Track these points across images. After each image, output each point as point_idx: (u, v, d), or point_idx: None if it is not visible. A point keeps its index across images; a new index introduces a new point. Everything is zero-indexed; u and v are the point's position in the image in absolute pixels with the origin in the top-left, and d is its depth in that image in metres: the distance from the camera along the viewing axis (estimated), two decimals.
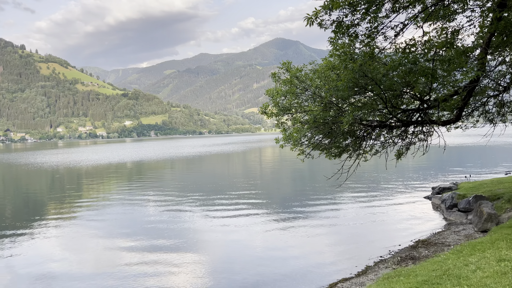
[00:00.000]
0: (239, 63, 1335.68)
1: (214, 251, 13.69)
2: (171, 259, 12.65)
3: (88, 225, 17.82)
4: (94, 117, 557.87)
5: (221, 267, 12.10)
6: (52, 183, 36.74)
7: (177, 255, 13.12)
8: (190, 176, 36.68)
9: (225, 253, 13.42)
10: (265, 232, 15.76)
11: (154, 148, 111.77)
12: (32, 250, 14.20)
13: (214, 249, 13.86)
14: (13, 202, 25.90)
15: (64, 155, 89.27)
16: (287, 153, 62.27)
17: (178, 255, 13.08)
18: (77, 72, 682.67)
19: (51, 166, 56.28)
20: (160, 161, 59.47)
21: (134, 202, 23.09)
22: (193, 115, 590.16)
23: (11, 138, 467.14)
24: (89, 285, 10.87)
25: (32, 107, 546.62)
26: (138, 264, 12.27)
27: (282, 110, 12.42)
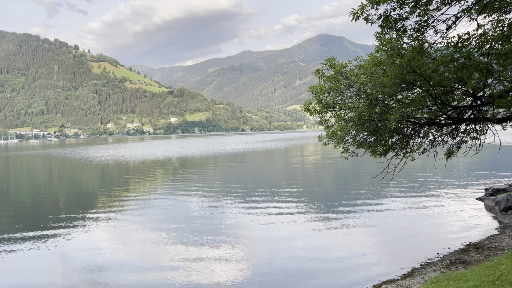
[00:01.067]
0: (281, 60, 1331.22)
1: (255, 247, 13.79)
2: (213, 254, 12.89)
3: (134, 218, 18.52)
4: (142, 114, 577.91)
5: (262, 264, 12.17)
6: (102, 176, 38.53)
7: (219, 250, 13.35)
8: (233, 173, 37.13)
9: (266, 250, 13.47)
10: (306, 230, 15.67)
11: (198, 145, 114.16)
12: (84, 241, 14.97)
13: (255, 246, 13.96)
14: (67, 195, 27.44)
15: (114, 150, 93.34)
16: (330, 151, 61.40)
17: (220, 250, 13.31)
18: (126, 71, 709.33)
19: (101, 161, 59.07)
20: (203, 157, 60.67)
21: (178, 197, 23.72)
22: (235, 112, 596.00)
23: (65, 133, 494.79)
24: (135, 277, 11.31)
25: (85, 105, 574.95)
26: (181, 258, 12.61)
27: (325, 107, 12.24)
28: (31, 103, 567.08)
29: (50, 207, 22.29)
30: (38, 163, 63.08)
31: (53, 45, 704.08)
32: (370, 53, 11.72)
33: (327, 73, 12.09)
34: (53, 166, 55.51)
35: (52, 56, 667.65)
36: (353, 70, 11.99)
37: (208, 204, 21.21)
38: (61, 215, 19.63)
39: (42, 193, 28.35)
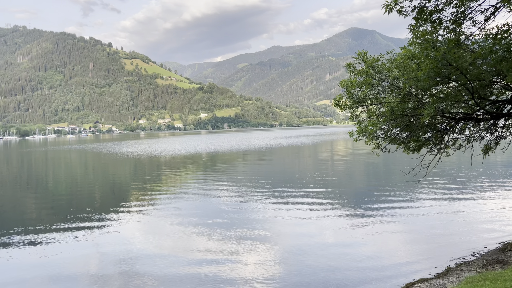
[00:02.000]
0: (311, 54, 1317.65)
1: (284, 243, 13.80)
2: (242, 249, 12.99)
3: (165, 212, 18.92)
4: (172, 110, 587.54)
5: (292, 260, 12.17)
6: (135, 171, 39.56)
7: (248, 245, 13.44)
8: (262, 168, 37.22)
9: (295, 246, 13.46)
10: (336, 227, 15.53)
11: (228, 140, 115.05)
12: (118, 233, 15.43)
13: (284, 242, 13.97)
14: (101, 188, 28.35)
15: (146, 146, 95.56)
16: (361, 147, 60.41)
17: (249, 246, 13.40)
18: (157, 67, 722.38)
19: (134, 155, 60.62)
20: (233, 152, 61.11)
21: (208, 192, 24.03)
22: (264, 108, 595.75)
23: (99, 129, 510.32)
24: (167, 269, 11.57)
25: (118, 101, 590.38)
26: (210, 252, 12.78)
27: (356, 102, 12.05)
28: (67, 100, 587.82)
29: (85, 200, 23.11)
30: (75, 157, 65.47)
31: (88, 43, 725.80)
32: (403, 46, 11.43)
33: (358, 67, 11.88)
34: (88, 160, 57.46)
35: (87, 54, 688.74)
36: (385, 64, 11.73)
37: (238, 199, 21.38)
38: (96, 208, 20.32)
39: (78, 186, 29.42)
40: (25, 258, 12.69)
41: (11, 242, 14.46)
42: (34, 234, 15.45)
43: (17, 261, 12.45)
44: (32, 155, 76.35)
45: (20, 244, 14.18)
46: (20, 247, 13.85)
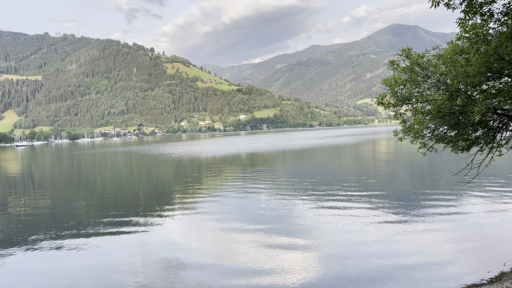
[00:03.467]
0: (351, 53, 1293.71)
1: (326, 243, 13.61)
2: (282, 252, 12.94)
3: (206, 212, 19.21)
4: (212, 111, 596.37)
5: (334, 260, 11.98)
6: (177, 172, 40.52)
7: (289, 249, 13.37)
8: (302, 168, 36.95)
9: (337, 246, 13.24)
10: (379, 228, 15.11)
11: (267, 141, 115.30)
12: (161, 233, 15.85)
13: (326, 242, 13.77)
14: (145, 189, 29.26)
15: (187, 147, 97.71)
16: (405, 146, 58.53)
17: (290, 249, 13.33)
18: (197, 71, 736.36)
19: (176, 157, 62.15)
20: (272, 153, 61.14)
21: (248, 194, 24.16)
22: (303, 108, 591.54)
23: (143, 131, 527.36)
24: (208, 271, 11.73)
25: (160, 104, 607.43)
26: (251, 255, 12.82)
27: (401, 100, 11.65)
28: (113, 104, 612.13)
29: (131, 200, 23.95)
30: (120, 159, 68.07)
31: (131, 48, 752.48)
32: (449, 41, 10.94)
33: (402, 64, 11.49)
34: (133, 162, 59.55)
35: (131, 59, 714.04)
36: (431, 60, 11.27)
37: (278, 201, 21.34)
38: (141, 208, 20.99)
39: (124, 187, 30.54)
40: (74, 257, 13.32)
41: (62, 241, 15.23)
42: (83, 233, 16.19)
43: (67, 260, 13.08)
44: (81, 157, 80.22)
45: (69, 243, 14.90)
46: (69, 246, 14.55)
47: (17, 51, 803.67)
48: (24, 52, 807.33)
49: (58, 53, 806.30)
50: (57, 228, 17.05)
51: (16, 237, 15.97)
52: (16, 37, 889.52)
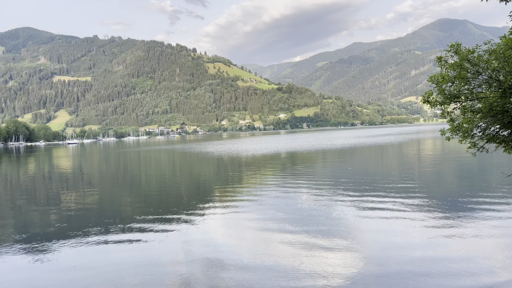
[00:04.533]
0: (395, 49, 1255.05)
1: (367, 245, 13.28)
2: (323, 254, 12.76)
3: (247, 211, 19.32)
4: (253, 110, 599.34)
5: (376, 263, 11.66)
6: (218, 169, 41.11)
7: (330, 249, 13.17)
8: (343, 168, 36.31)
9: (379, 249, 12.88)
10: (424, 231, 14.52)
11: (307, 140, 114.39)
12: (202, 231, 16.12)
13: (368, 244, 13.44)
14: (187, 186, 29.90)
15: (228, 145, 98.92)
16: (452, 146, 56.05)
17: (331, 250, 13.12)
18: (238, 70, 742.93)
19: (217, 155, 63.09)
20: (312, 152, 60.57)
21: (288, 193, 24.06)
22: (345, 106, 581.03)
23: (186, 130, 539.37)
24: (249, 269, 11.79)
25: (202, 103, 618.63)
26: (291, 256, 12.74)
27: (448, 98, 11.12)
28: (157, 103, 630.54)
29: (173, 198, 24.57)
30: (164, 157, 70.06)
31: (174, 49, 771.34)
32: (502, 35, 10.31)
33: (450, 60, 10.96)
34: (176, 160, 61.11)
35: (174, 60, 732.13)
36: (482, 55, 10.67)
37: (318, 201, 21.09)
38: (183, 205, 21.47)
39: (166, 185, 31.39)
40: (120, 252, 13.84)
41: (108, 236, 15.88)
42: (129, 228, 16.81)
43: (113, 254, 13.61)
44: (127, 155, 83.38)
45: (116, 237, 15.50)
46: (116, 240, 15.13)
47: (68, 53, 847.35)
48: (75, 55, 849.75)
49: (106, 55, 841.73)
50: (105, 223, 17.80)
51: (67, 231, 16.83)
52: (67, 40, 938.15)
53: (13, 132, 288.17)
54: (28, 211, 22.41)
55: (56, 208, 22.71)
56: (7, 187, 35.91)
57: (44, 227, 17.88)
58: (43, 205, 23.93)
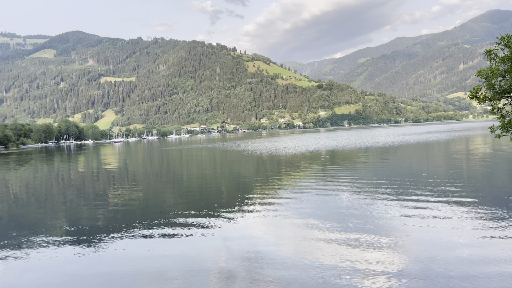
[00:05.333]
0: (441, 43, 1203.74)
1: (411, 245, 12.89)
2: (365, 254, 12.51)
3: (286, 209, 19.30)
4: (292, 108, 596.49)
5: (420, 263, 11.30)
6: (257, 167, 41.33)
7: (372, 249, 12.89)
8: (385, 167, 35.38)
9: (423, 249, 12.46)
10: (472, 231, 13.88)
11: (348, 137, 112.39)
12: (242, 228, 16.30)
13: (411, 243, 13.04)
14: (228, 184, 30.31)
15: (267, 144, 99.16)
16: (504, 144, 53.07)
17: (373, 250, 12.85)
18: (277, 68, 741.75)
19: (257, 153, 63.44)
20: (353, 150, 59.48)
21: (328, 191, 23.78)
22: (387, 103, 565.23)
23: (226, 129, 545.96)
24: (289, 266, 11.81)
25: (242, 102, 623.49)
26: (331, 255, 12.61)
27: (499, 93, 10.58)
28: (198, 102, 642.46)
29: (213, 195, 25.01)
30: (205, 155, 71.38)
31: (215, 49, 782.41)
32: None
33: (501, 53, 10.42)
34: (216, 158, 62.08)
35: (214, 59, 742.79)
36: None
37: (359, 200, 20.69)
38: (223, 203, 21.81)
39: (208, 181, 31.98)
40: (163, 245, 14.28)
41: (152, 230, 16.43)
42: (171, 223, 17.31)
43: (157, 248, 14.07)
44: (169, 152, 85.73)
45: (159, 231, 16.01)
46: (159, 234, 15.63)
47: (114, 55, 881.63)
48: (120, 56, 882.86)
49: (149, 56, 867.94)
50: (148, 218, 18.44)
51: (113, 225, 17.60)
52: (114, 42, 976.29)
53: (64, 131, 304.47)
54: (78, 205, 23.65)
55: (104, 203, 23.79)
56: (60, 183, 38.03)
57: (92, 221, 18.80)
58: (91, 200, 25.16)
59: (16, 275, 12.07)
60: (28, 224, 18.88)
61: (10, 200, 27.35)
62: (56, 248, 14.48)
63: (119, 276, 11.51)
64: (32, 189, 33.33)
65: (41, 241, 15.58)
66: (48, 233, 16.77)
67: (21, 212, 22.59)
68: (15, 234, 17.07)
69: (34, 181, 40.45)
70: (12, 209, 23.86)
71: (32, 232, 17.17)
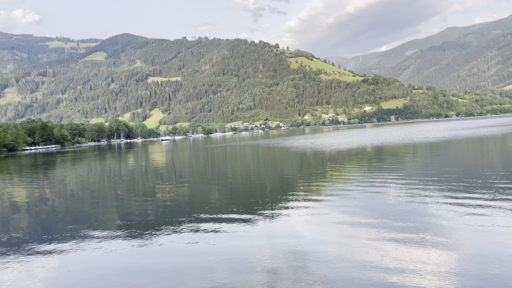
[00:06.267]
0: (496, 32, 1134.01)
1: (463, 245, 12.24)
2: (415, 253, 12.02)
3: (331, 207, 19.00)
4: (336, 104, 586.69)
5: (473, 264, 10.70)
6: (301, 164, 41.04)
7: (422, 249, 12.36)
8: (436, 163, 33.87)
9: (477, 249, 11.79)
10: None
11: (396, 133, 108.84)
12: (287, 226, 16.23)
13: (464, 243, 12.38)
14: (271, 180, 30.33)
15: (311, 140, 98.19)
16: None
17: (424, 250, 12.32)
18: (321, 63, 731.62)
19: (300, 150, 63.01)
20: (401, 146, 57.49)
21: (374, 188, 23.14)
22: (437, 97, 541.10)
23: (269, 126, 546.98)
24: (333, 263, 11.62)
25: (284, 98, 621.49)
26: (378, 255, 12.25)
27: None
28: (241, 100, 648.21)
29: (257, 191, 25.11)
30: (248, 152, 71.93)
31: (258, 46, 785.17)
32: None
33: None
34: (260, 154, 62.35)
35: (257, 57, 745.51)
36: None
37: (408, 197, 19.95)
38: (267, 199, 21.84)
39: (251, 178, 32.18)
40: (209, 240, 14.52)
41: (198, 225, 16.77)
42: (217, 218, 17.60)
43: (203, 243, 14.33)
44: (214, 150, 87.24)
45: (205, 227, 16.32)
46: (205, 230, 15.93)
47: (161, 55, 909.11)
48: (166, 56, 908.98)
49: (194, 55, 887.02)
50: (194, 214, 18.85)
51: (161, 220, 18.16)
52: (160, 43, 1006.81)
53: (115, 130, 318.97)
54: (128, 200, 24.65)
55: (152, 198, 24.63)
56: (111, 179, 39.85)
57: (141, 216, 19.52)
58: (141, 196, 26.13)
59: (72, 266, 12.77)
60: (83, 218, 19.94)
61: (67, 196, 29.02)
62: (108, 241, 15.17)
63: (163, 271, 11.85)
64: (86, 185, 35.17)
65: (95, 234, 16.41)
66: (101, 227, 17.62)
67: (77, 206, 23.91)
68: (71, 227, 18.10)
69: (88, 178, 42.66)
70: (68, 203, 25.31)
71: (87, 225, 18.12)
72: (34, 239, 16.24)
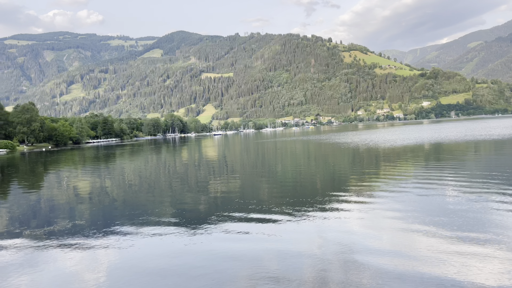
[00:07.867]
0: None
1: None
2: (471, 253, 11.39)
3: (384, 204, 18.46)
4: (391, 99, 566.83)
5: None
6: (353, 160, 40.18)
7: (479, 249, 11.69)
8: (501, 161, 31.72)
9: None
10: None
11: (456, 129, 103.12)
12: (338, 222, 16.00)
13: None
14: (322, 176, 30.01)
15: (364, 136, 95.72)
16: None
17: (479, 248, 11.66)
18: (376, 57, 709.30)
19: (353, 146, 61.67)
20: (461, 143, 54.40)
21: (430, 186, 22.15)
22: (503, 91, 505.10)
23: (320, 121, 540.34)
24: (384, 266, 11.34)
25: (337, 93, 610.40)
26: (433, 253, 11.75)
27: None
28: (292, 95, 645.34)
29: (308, 187, 24.97)
30: (299, 147, 71.58)
31: (310, 41, 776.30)
32: None
33: None
34: (310, 150, 61.83)
35: (309, 52, 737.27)
36: None
37: (466, 196, 18.88)
38: (317, 195, 21.66)
39: (301, 174, 32.04)
40: (258, 239, 14.69)
41: (248, 223, 17.01)
42: (267, 216, 17.75)
43: (252, 241, 14.52)
44: (264, 145, 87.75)
45: (254, 225, 16.51)
46: (254, 227, 16.13)
47: (214, 52, 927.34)
48: (219, 53, 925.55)
49: (246, 51, 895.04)
50: (244, 209, 19.13)
51: (213, 213, 18.65)
52: (213, 39, 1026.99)
53: (170, 125, 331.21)
54: (182, 191, 25.55)
55: (205, 190, 25.35)
56: (166, 171, 41.46)
57: (194, 206, 20.18)
58: (194, 187, 26.98)
59: (129, 250, 13.51)
60: (140, 206, 20.99)
61: (126, 186, 30.64)
62: (163, 228, 15.90)
63: (212, 265, 12.17)
64: (143, 176, 36.90)
65: (151, 220, 17.24)
66: (156, 215, 18.47)
67: (134, 196, 25.19)
68: (128, 213, 19.16)
69: (145, 169, 44.71)
70: (127, 193, 26.72)
71: (143, 213, 19.06)
72: (95, 226, 17.37)
